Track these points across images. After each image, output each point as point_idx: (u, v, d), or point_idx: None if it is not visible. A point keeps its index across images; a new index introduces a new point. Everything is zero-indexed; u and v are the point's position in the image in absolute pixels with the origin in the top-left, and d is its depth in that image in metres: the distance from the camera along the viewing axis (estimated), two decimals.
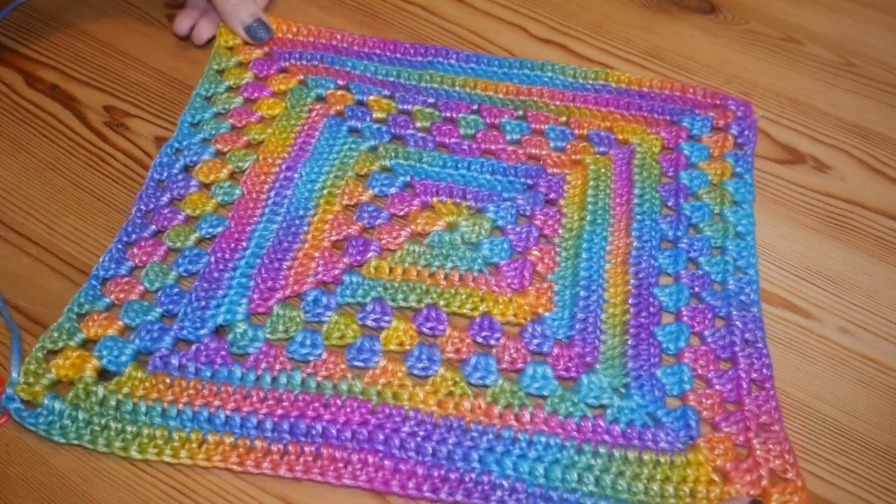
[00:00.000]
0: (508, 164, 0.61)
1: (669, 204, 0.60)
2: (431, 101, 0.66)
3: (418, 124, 0.64)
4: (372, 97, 0.65)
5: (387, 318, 0.52)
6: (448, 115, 0.65)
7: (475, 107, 0.65)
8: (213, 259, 0.54)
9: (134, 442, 0.47)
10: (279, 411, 0.48)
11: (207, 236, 0.56)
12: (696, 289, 0.55)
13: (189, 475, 0.47)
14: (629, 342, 0.52)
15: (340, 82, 0.66)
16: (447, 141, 0.63)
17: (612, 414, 0.49)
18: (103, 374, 0.49)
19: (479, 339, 0.52)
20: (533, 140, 0.63)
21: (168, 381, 0.49)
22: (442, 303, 0.53)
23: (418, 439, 0.47)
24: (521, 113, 0.65)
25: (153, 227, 0.56)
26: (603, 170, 0.62)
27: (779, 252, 0.58)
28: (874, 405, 0.51)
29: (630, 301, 0.54)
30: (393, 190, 0.59)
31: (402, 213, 0.58)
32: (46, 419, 0.47)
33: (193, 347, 0.50)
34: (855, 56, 0.73)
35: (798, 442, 0.49)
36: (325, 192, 0.59)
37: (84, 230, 0.57)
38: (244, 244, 0.55)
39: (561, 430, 0.48)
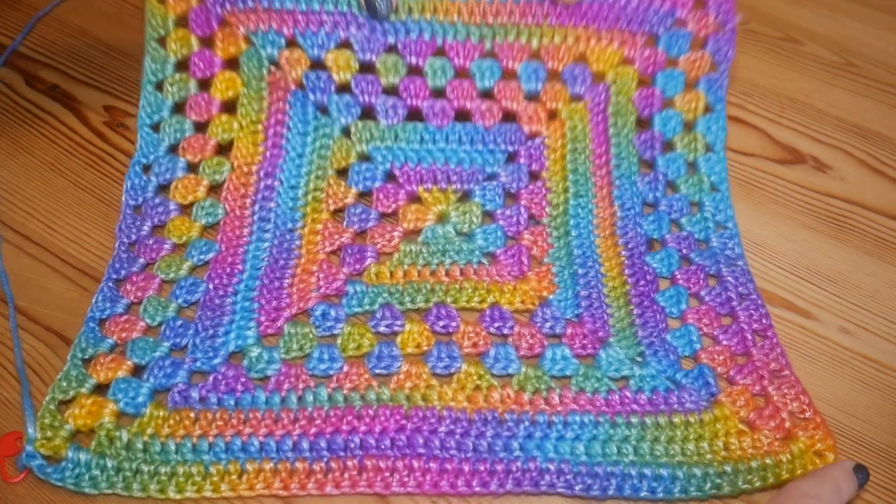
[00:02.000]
0: (486, 128, 0.60)
1: (646, 157, 0.61)
2: (391, 41, 0.60)
3: (384, 82, 0.60)
4: (328, 54, 0.60)
5: (399, 323, 0.52)
6: (412, 60, 0.60)
7: (438, 41, 0.60)
8: (211, 286, 0.53)
9: (171, 482, 0.45)
10: (313, 430, 0.47)
11: (199, 263, 0.55)
12: (684, 251, 0.57)
13: None
14: (635, 312, 0.53)
15: (287, 31, 0.60)
16: (419, 104, 0.60)
17: (635, 384, 0.50)
18: (122, 418, 0.48)
19: (493, 331, 0.52)
20: (506, 89, 0.60)
21: (192, 415, 0.47)
22: (449, 300, 0.53)
23: (457, 437, 0.47)
24: (489, 45, 0.60)
25: (141, 260, 0.54)
26: (579, 125, 0.61)
27: (779, 252, 0.58)
28: (874, 405, 0.51)
29: (626, 273, 0.55)
30: (376, 184, 0.58)
31: (390, 210, 0.58)
32: (73, 472, 0.45)
33: (210, 378, 0.49)
34: (855, 56, 0.73)
35: None
36: (309, 197, 0.58)
37: (84, 230, 0.57)
38: (240, 267, 0.54)
39: (591, 406, 0.49)
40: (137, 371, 0.49)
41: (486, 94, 0.61)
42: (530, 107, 0.61)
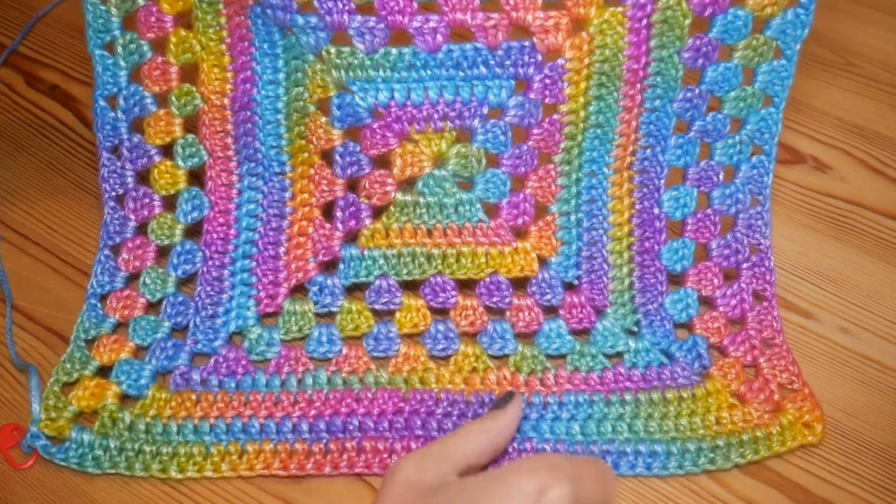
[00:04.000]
0: (490, 48, 0.48)
1: (694, 67, 0.50)
2: None
3: None
4: None
5: (396, 300, 0.52)
6: None
7: None
8: (207, 253, 0.53)
9: (172, 462, 0.46)
10: (313, 412, 0.48)
11: (192, 222, 0.53)
12: (703, 188, 0.53)
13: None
14: (635, 274, 0.53)
15: None
16: (403, 22, 0.48)
17: (629, 359, 0.51)
18: (124, 399, 0.49)
19: (491, 304, 0.52)
20: None
21: (194, 397, 0.49)
22: (447, 271, 0.52)
23: (454, 418, 0.48)
24: None
25: (133, 222, 0.53)
26: (610, 40, 0.49)
27: (779, 252, 0.58)
28: (874, 405, 0.51)
29: (634, 221, 0.53)
30: (362, 123, 0.50)
31: (381, 154, 0.51)
32: (77, 452, 0.46)
33: (212, 360, 0.50)
34: (855, 56, 0.72)
35: None
36: (293, 134, 0.52)
37: (84, 230, 0.57)
38: (233, 230, 0.53)
39: (586, 385, 0.50)
40: (139, 352, 0.50)
41: (491, 4, 0.49)
42: (548, 17, 0.48)
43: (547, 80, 0.49)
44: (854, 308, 0.55)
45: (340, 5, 0.48)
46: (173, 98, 0.53)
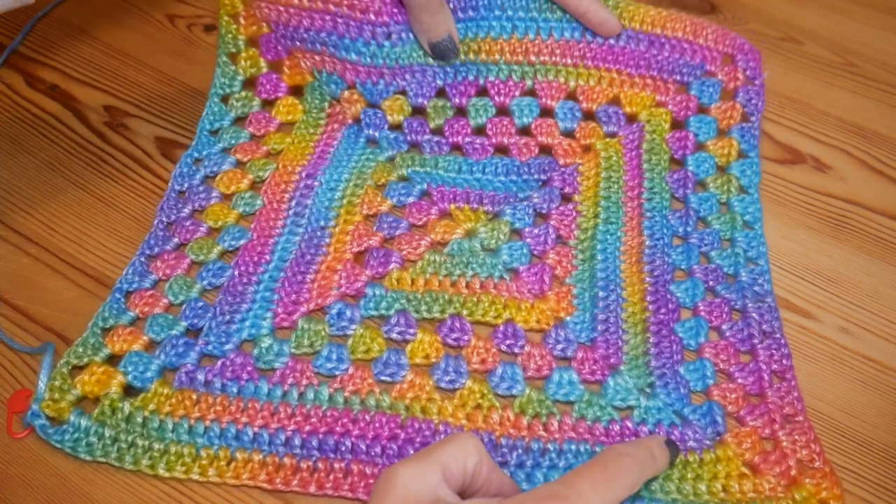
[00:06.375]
0: (521, 160, 0.61)
1: (678, 195, 0.60)
2: (439, 83, 0.63)
3: (432, 124, 0.63)
4: (386, 101, 0.63)
5: (411, 331, 0.52)
6: (457, 101, 0.63)
7: (481, 81, 0.64)
8: (236, 272, 0.54)
9: (161, 460, 0.46)
10: (307, 427, 0.47)
11: (230, 249, 0.56)
12: (711, 283, 0.55)
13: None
14: (651, 340, 0.52)
15: (349, 78, 0.63)
16: (461, 141, 0.62)
17: (639, 415, 0.48)
18: (129, 390, 0.49)
19: (504, 348, 0.51)
20: (543, 126, 0.63)
21: (195, 396, 0.48)
22: (465, 312, 0.53)
23: None
24: (529, 83, 0.63)
25: (176, 239, 0.56)
26: (614, 157, 0.62)
27: (779, 252, 0.58)
28: (874, 405, 0.51)
29: (648, 299, 0.54)
30: (411, 199, 0.59)
31: (421, 223, 0.58)
32: (72, 436, 0.46)
33: (219, 363, 0.50)
34: (855, 56, 0.73)
35: None
36: (344, 201, 0.59)
37: (84, 230, 0.57)
38: (267, 257, 0.55)
39: (589, 435, 0.48)
40: (152, 346, 0.51)
41: (524, 131, 0.63)
42: (565, 141, 0.62)
43: (566, 177, 0.61)
44: (854, 308, 0.55)
45: (420, 127, 0.63)
46: (252, 164, 0.61)
